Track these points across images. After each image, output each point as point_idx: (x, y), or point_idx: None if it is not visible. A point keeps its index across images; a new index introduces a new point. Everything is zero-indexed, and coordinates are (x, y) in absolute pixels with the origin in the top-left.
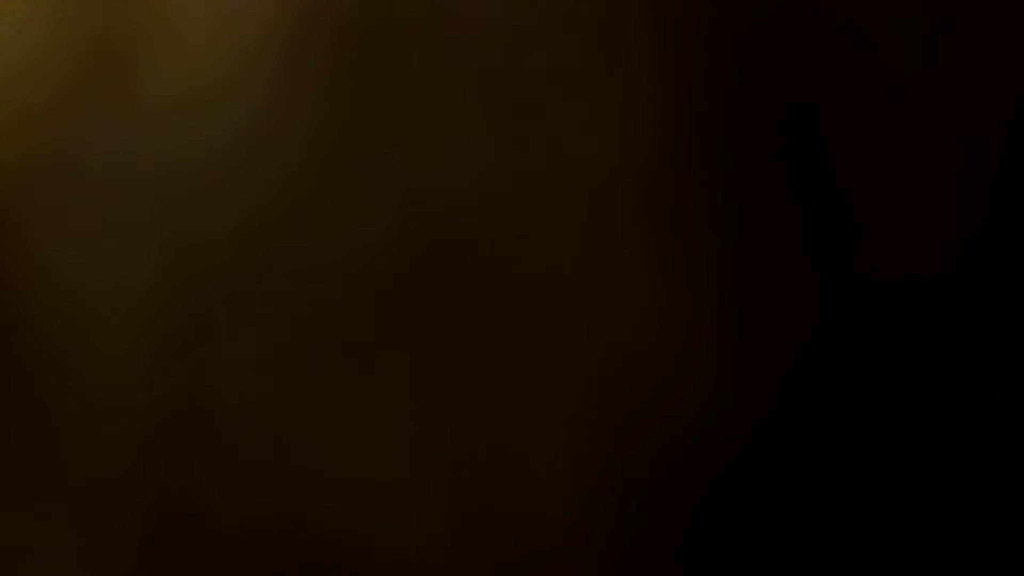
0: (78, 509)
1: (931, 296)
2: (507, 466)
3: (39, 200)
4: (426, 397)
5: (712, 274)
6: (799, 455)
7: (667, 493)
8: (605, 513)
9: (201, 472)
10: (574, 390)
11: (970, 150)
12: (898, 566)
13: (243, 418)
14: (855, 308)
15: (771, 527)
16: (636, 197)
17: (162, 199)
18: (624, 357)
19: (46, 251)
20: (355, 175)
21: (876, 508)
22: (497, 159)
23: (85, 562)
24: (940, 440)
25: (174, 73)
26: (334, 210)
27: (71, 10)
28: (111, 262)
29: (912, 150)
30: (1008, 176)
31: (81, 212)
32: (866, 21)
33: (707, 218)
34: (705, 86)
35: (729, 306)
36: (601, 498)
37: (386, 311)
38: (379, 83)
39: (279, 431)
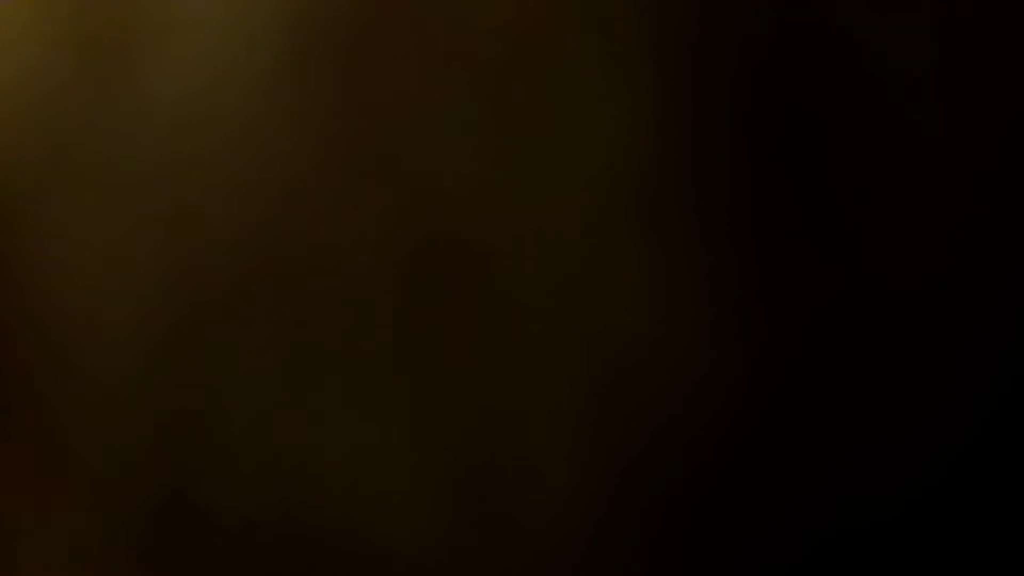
0: (79, 510)
1: (932, 297)
2: (508, 469)
3: (40, 203)
4: (428, 400)
5: (714, 276)
6: (800, 457)
7: (668, 495)
8: (606, 515)
9: (202, 474)
10: (576, 393)
11: (970, 152)
12: (898, 566)
13: (244, 420)
14: (857, 310)
15: (772, 529)
16: (638, 199)
17: (164, 201)
18: (626, 360)
19: (47, 254)
20: (357, 177)
21: (877, 508)
22: (500, 162)
23: (86, 563)
24: (941, 440)
25: (176, 75)
26: (336, 212)
27: (73, 12)
28: (113, 264)
29: (913, 153)
30: (1008, 177)
31: (83, 215)
32: (866, 25)
33: (709, 220)
34: (707, 90)
35: (731, 309)
36: (602, 500)
37: (388, 314)
38: (381, 84)
39: (281, 434)
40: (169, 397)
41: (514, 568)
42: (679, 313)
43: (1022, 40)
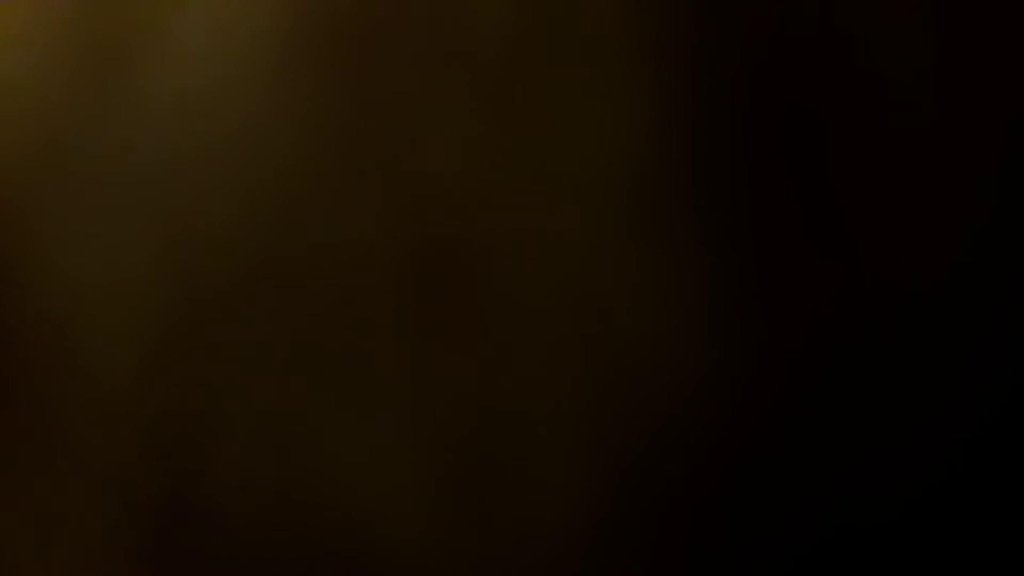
0: (79, 510)
1: (932, 297)
2: (508, 469)
3: (38, 204)
4: (427, 400)
5: (714, 276)
6: (800, 457)
7: (668, 495)
8: (605, 516)
9: (202, 474)
10: (575, 393)
11: (970, 152)
12: (898, 566)
13: (243, 421)
14: (857, 311)
15: (772, 529)
16: (638, 199)
17: (162, 202)
18: (625, 360)
19: (44, 254)
20: (355, 178)
21: (877, 508)
22: (499, 162)
23: (86, 563)
24: (941, 440)
25: (174, 76)
26: (336, 212)
27: (73, 13)
28: (110, 265)
29: (913, 153)
30: (1008, 177)
31: (80, 216)
32: (866, 25)
33: (709, 220)
34: (707, 90)
35: (731, 309)
36: (602, 500)
37: (387, 314)
38: (381, 84)
39: (279, 434)
40: (169, 397)
41: (514, 568)
42: (679, 313)
43: (1022, 40)
